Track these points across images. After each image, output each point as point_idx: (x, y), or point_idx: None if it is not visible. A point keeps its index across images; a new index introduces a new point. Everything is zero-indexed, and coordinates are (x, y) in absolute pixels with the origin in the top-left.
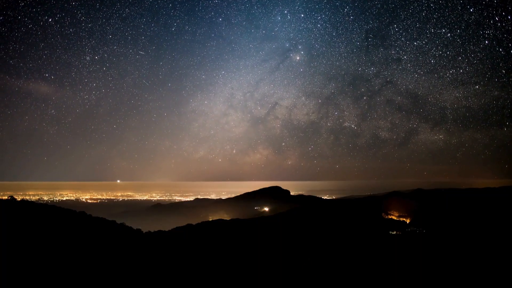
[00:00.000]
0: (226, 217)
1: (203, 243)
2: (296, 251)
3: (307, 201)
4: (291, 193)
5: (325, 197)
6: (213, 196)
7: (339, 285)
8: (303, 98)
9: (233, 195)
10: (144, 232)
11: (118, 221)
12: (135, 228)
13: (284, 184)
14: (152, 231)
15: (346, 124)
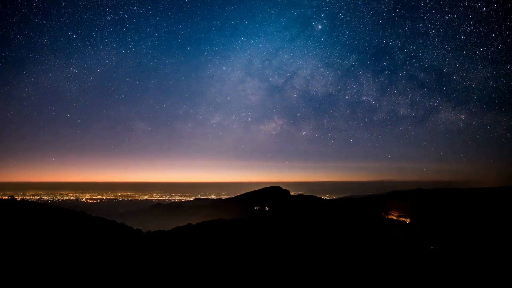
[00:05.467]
0: (226, 217)
1: (203, 243)
2: (296, 251)
3: (307, 201)
4: (291, 193)
5: (325, 197)
6: (213, 196)
7: (338, 284)
8: (322, 69)
9: (233, 195)
10: (144, 232)
11: (118, 221)
12: (135, 228)
13: (284, 184)
14: (152, 231)
15: (364, 98)
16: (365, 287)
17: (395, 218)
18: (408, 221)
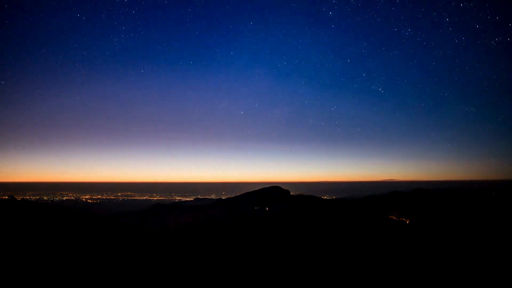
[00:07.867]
0: (226, 217)
1: (203, 243)
2: (296, 251)
3: (306, 201)
4: (291, 193)
5: (325, 197)
6: (213, 196)
7: (338, 285)
8: (332, 56)
9: (233, 195)
10: (144, 232)
11: (118, 221)
12: (135, 228)
13: (284, 184)
14: (152, 231)
15: (373, 87)
16: (365, 287)
17: (395, 218)
18: (408, 221)
